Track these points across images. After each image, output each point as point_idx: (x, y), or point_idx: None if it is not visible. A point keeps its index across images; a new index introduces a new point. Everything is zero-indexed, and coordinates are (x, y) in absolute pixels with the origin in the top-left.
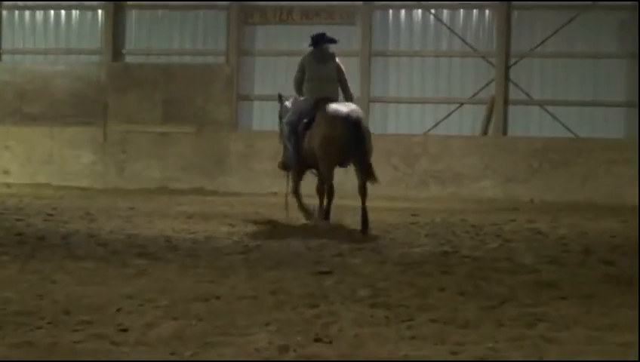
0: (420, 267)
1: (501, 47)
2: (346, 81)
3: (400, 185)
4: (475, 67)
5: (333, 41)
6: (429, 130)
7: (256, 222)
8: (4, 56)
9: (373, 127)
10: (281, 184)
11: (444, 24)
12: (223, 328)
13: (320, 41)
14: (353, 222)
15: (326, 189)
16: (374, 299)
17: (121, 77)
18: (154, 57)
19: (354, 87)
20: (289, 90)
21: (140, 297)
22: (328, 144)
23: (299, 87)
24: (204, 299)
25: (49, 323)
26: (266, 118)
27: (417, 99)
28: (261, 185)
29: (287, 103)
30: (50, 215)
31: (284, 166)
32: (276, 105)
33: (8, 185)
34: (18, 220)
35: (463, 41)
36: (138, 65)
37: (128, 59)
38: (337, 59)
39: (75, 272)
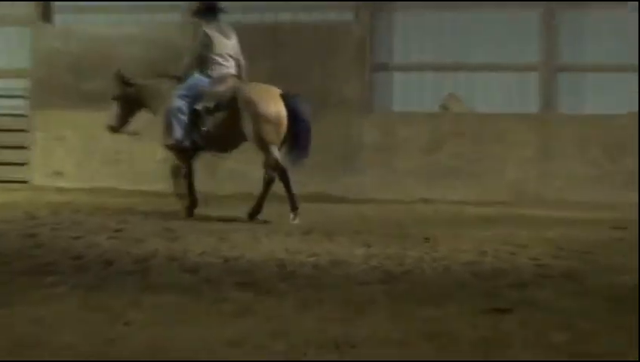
0: (633, 302)
1: None
2: (244, 63)
3: (598, 187)
4: None
5: (224, 11)
6: None
7: (400, 240)
8: (57, 16)
9: (560, 104)
10: (432, 188)
11: None
12: None
13: (215, 11)
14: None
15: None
16: (574, 347)
17: None
18: (255, 14)
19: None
20: (440, 55)
21: (246, 343)
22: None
23: (199, 62)
24: (334, 346)
25: None
26: (410, 95)
27: (622, 65)
28: (405, 189)
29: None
30: (118, 231)
31: (177, 144)
32: (423, 77)
33: (61, 191)
34: (76, 238)
35: None
36: (233, 24)
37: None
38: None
39: (155, 309)
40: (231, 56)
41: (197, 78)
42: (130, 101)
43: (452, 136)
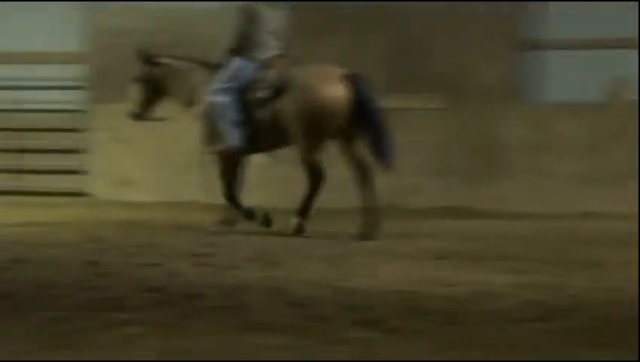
0: None
1: None
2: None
3: None
4: None
5: None
6: None
7: (560, 266)
8: None
9: None
10: (598, 198)
11: None
12: None
13: None
14: None
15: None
16: None
17: (314, 17)
18: None
19: None
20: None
21: None
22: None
23: (242, 44)
24: None
25: None
26: (569, 81)
27: None
28: (563, 200)
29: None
30: (205, 256)
31: (231, 151)
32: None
33: (131, 205)
34: (152, 266)
35: None
36: None
37: None
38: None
39: (255, 353)
40: (278, 34)
41: (241, 64)
42: (156, 84)
43: (623, 133)
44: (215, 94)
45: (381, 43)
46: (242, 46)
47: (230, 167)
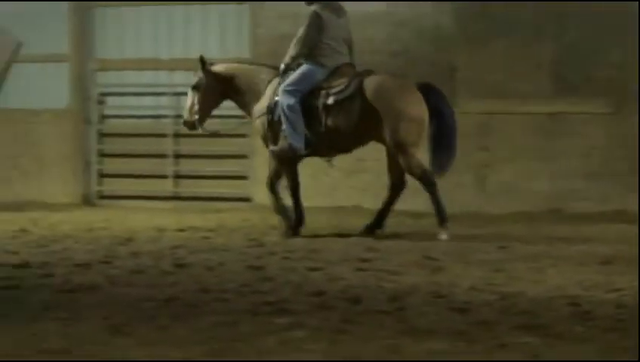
0: None
1: None
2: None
3: None
4: None
5: None
6: None
7: None
8: None
9: None
10: None
11: None
12: None
13: None
14: None
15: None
16: None
17: (478, 20)
18: None
19: None
20: None
21: None
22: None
23: (310, 49)
24: None
25: None
26: None
27: None
28: None
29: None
30: (366, 261)
31: (291, 152)
32: None
33: (292, 210)
34: (313, 270)
35: None
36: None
37: None
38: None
39: (418, 357)
40: (345, 41)
41: (309, 69)
42: (214, 91)
43: None
44: (281, 95)
45: (546, 46)
46: (311, 51)
47: (287, 168)
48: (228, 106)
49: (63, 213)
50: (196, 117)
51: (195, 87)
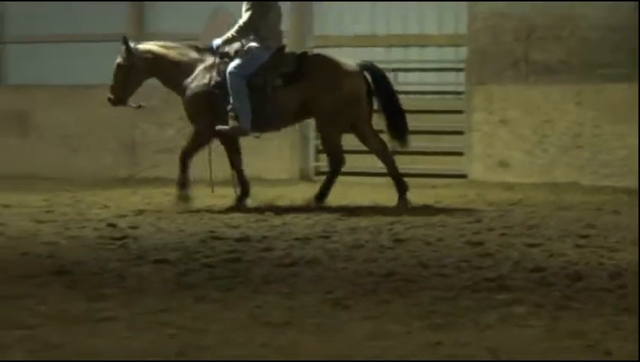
0: None
1: None
2: None
3: None
4: None
5: None
6: None
7: None
8: None
9: None
10: None
11: None
12: None
13: None
14: None
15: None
16: None
17: None
18: None
19: None
20: None
21: None
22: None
23: (256, 32)
24: None
25: None
26: None
27: None
28: None
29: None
30: (585, 237)
31: (240, 132)
32: None
33: (508, 186)
34: (532, 246)
35: None
36: None
37: None
38: None
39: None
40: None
41: (255, 51)
42: (139, 69)
43: None
44: (230, 77)
45: None
46: (257, 34)
47: (203, 145)
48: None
49: (281, 188)
50: (119, 94)
51: (120, 66)
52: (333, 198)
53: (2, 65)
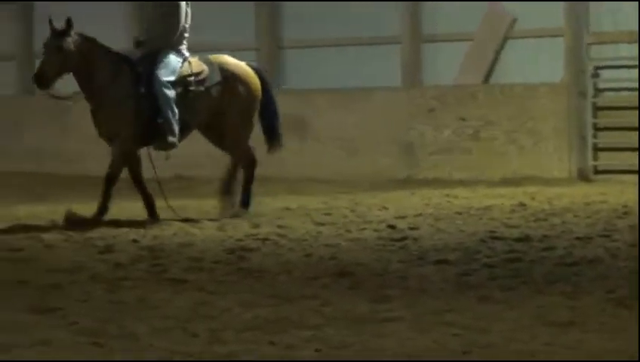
0: None
1: None
2: None
3: None
4: None
5: None
6: None
7: None
8: None
9: None
10: None
11: None
12: None
13: None
14: None
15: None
16: None
17: None
18: None
19: None
20: None
21: None
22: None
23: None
24: None
25: None
26: None
27: None
28: None
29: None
30: None
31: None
32: None
33: None
34: None
35: None
36: None
37: None
38: None
39: None
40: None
41: (174, 59)
42: (72, 58)
43: None
44: (160, 88)
45: None
46: (178, 40)
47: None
48: None
49: (559, 188)
50: (44, 77)
51: (58, 47)
52: (613, 197)
53: (282, 69)
